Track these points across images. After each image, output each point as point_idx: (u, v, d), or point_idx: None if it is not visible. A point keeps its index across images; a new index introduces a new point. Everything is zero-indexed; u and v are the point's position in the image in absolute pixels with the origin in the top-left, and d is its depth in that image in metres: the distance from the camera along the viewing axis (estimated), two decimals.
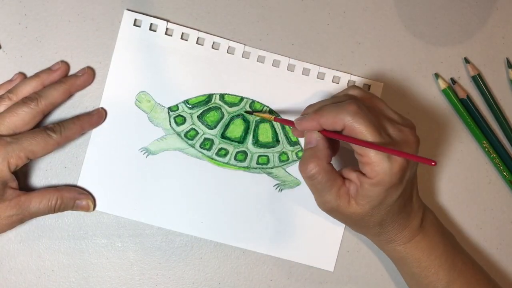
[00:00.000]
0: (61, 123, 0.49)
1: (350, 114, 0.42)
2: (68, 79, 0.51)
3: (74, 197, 0.50)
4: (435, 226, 0.50)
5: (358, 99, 0.46)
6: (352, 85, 0.48)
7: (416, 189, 0.48)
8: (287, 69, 0.54)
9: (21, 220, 0.47)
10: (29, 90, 0.49)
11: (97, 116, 0.52)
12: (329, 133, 0.45)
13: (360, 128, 0.42)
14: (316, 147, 0.45)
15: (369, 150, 0.42)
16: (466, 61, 0.55)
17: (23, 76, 0.52)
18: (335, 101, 0.46)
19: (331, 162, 0.45)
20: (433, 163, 0.36)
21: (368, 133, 0.42)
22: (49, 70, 0.51)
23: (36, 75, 0.51)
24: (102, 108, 0.52)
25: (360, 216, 0.45)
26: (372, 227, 0.47)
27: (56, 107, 0.51)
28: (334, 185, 0.44)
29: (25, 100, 0.48)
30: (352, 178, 0.45)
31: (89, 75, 0.52)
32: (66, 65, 0.52)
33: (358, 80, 0.54)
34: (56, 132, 0.48)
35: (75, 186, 0.52)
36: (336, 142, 0.48)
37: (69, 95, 0.51)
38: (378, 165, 0.42)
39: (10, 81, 0.51)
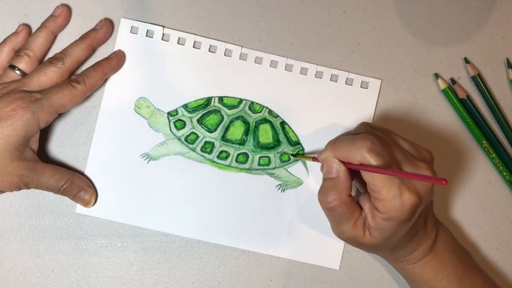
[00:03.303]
0: (83, 72, 0.49)
1: (364, 149, 0.42)
2: (88, 34, 0.51)
3: (81, 187, 0.50)
4: (447, 245, 0.50)
5: (372, 131, 0.45)
6: (363, 122, 0.48)
7: (430, 213, 0.49)
8: (285, 69, 0.53)
9: (27, 185, 0.47)
10: (41, 42, 0.50)
11: (116, 59, 0.52)
12: (348, 164, 0.44)
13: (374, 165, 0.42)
14: (336, 179, 0.44)
15: (381, 187, 0.42)
16: (466, 61, 0.55)
17: (27, 28, 0.51)
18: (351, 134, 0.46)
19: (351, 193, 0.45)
20: (444, 182, 0.36)
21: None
22: (52, 17, 0.51)
23: (42, 25, 0.51)
24: (119, 50, 0.52)
25: (373, 246, 0.46)
26: (384, 251, 0.48)
27: (81, 65, 0.51)
28: (352, 217, 0.45)
29: (52, 60, 0.49)
30: (365, 210, 0.45)
31: (107, 26, 0.52)
32: (67, 7, 0.52)
33: (356, 77, 0.54)
34: (80, 83, 0.48)
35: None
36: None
37: (93, 51, 0.52)
38: (389, 202, 0.42)
39: (16, 33, 0.51)
